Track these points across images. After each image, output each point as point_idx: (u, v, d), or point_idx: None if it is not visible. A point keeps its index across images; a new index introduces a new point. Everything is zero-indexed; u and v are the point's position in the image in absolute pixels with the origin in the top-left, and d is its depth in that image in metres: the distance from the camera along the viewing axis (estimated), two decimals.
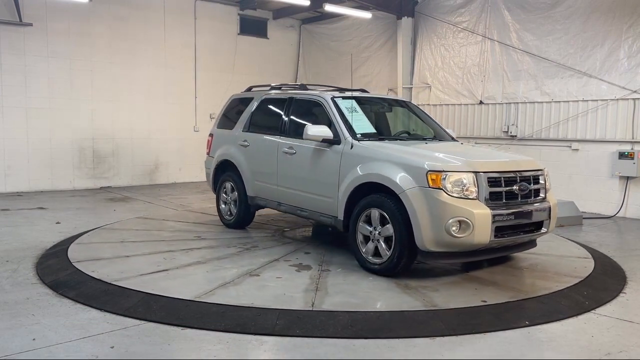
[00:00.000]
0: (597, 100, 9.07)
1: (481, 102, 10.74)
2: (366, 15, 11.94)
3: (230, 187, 7.16)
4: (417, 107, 7.13)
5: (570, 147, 9.47)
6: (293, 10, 13.15)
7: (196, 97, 12.82)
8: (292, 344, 3.64)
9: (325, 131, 5.62)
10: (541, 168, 5.34)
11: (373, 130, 6.23)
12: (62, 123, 10.93)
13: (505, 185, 4.89)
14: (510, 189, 4.91)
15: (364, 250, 5.21)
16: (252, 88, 7.57)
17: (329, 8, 11.06)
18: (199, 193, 10.92)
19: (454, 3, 11.14)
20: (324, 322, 3.93)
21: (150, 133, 12.17)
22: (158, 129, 12.26)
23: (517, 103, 10.17)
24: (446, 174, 4.69)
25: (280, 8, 13.53)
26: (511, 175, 4.98)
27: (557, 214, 5.40)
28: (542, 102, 9.80)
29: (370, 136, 5.81)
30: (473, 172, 4.77)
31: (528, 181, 5.06)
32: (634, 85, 8.60)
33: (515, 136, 10.22)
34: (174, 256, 5.60)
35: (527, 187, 5.00)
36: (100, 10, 11.19)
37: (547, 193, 5.31)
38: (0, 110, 10.25)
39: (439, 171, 4.70)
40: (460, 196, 4.66)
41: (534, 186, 5.13)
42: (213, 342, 3.62)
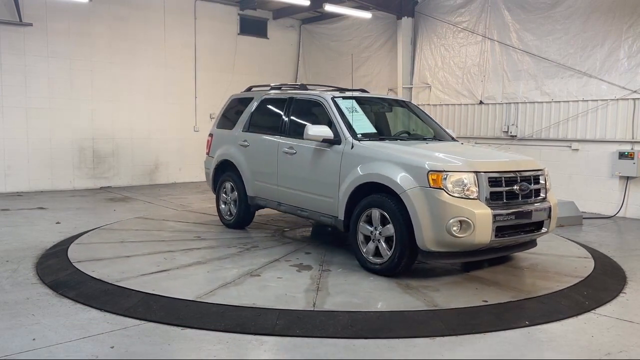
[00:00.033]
0: (597, 100, 9.07)
1: (481, 102, 10.74)
2: (366, 15, 11.93)
3: (230, 187, 7.16)
4: (417, 107, 7.13)
5: (570, 147, 9.47)
6: (293, 10, 13.15)
7: (196, 97, 12.82)
8: (292, 344, 3.64)
9: (325, 131, 5.62)
10: (541, 168, 5.35)
11: (373, 130, 6.23)
12: (62, 123, 10.93)
13: (505, 185, 4.90)
14: (510, 189, 4.91)
15: (365, 250, 5.21)
16: (252, 88, 7.57)
17: (329, 8, 11.06)
18: (199, 193, 10.92)
19: (454, 3, 11.13)
20: (324, 322, 3.93)
21: (150, 133, 12.17)
22: (158, 129, 12.26)
23: (517, 103, 10.17)
24: (447, 174, 4.69)
25: (280, 8, 13.53)
26: (512, 175, 4.98)
27: (557, 214, 5.40)
28: (542, 102, 9.80)
29: (370, 136, 5.81)
30: (474, 172, 4.77)
31: (528, 181, 5.06)
32: (634, 85, 8.60)
33: (515, 136, 10.22)
34: (174, 256, 5.60)
35: (528, 187, 5.00)
36: (100, 10, 11.19)
37: (548, 193, 5.32)
38: (0, 110, 10.25)
39: (440, 171, 4.70)
40: (461, 196, 4.66)
41: (535, 186, 5.13)
42: (213, 342, 3.62)
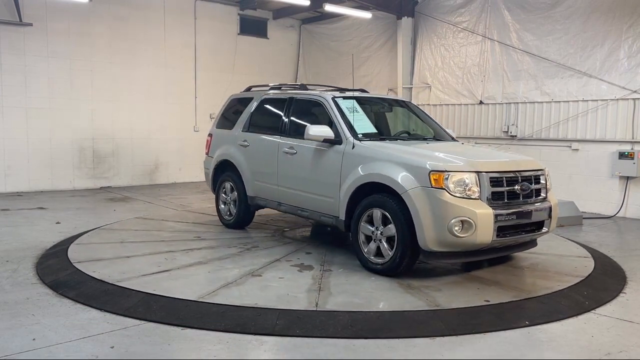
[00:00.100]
0: (597, 100, 9.07)
1: (481, 102, 10.74)
2: (366, 15, 11.93)
3: (229, 187, 7.15)
4: (417, 107, 7.13)
5: (570, 147, 9.47)
6: (293, 10, 13.14)
7: (196, 97, 12.81)
8: (292, 344, 3.63)
9: (326, 131, 5.62)
10: (542, 168, 5.35)
11: (374, 130, 6.22)
12: (62, 123, 10.92)
13: (507, 185, 4.90)
14: (511, 189, 4.91)
15: (366, 250, 5.20)
16: (252, 88, 7.56)
17: (329, 8, 11.05)
18: (199, 193, 10.91)
19: (454, 3, 11.13)
20: (324, 322, 3.93)
21: (150, 133, 12.17)
22: (158, 129, 12.26)
23: (517, 103, 10.17)
24: (449, 174, 4.69)
25: (280, 8, 13.52)
26: (513, 175, 4.98)
27: (558, 214, 5.40)
28: (542, 102, 9.79)
29: (371, 136, 5.80)
30: (475, 172, 4.77)
31: (529, 181, 5.06)
32: (634, 85, 8.60)
33: (515, 136, 10.21)
34: (175, 256, 5.59)
35: (529, 187, 5.00)
36: (100, 10, 11.18)
37: (548, 193, 5.32)
38: (0, 110, 10.25)
39: (442, 171, 4.70)
40: (462, 196, 4.66)
41: (535, 186, 5.13)
42: (213, 342, 3.62)
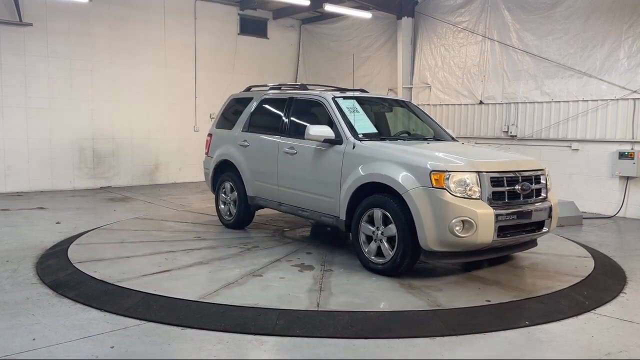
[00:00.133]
0: (597, 100, 9.07)
1: (481, 102, 10.74)
2: (366, 15, 11.93)
3: (229, 187, 7.15)
4: (417, 107, 7.13)
5: (570, 147, 9.46)
6: (293, 10, 13.14)
7: (196, 97, 12.81)
8: (292, 344, 3.63)
9: (327, 131, 5.61)
10: (542, 168, 5.35)
11: (374, 130, 6.22)
12: (62, 123, 10.92)
13: (507, 185, 4.90)
14: (512, 189, 4.91)
15: (367, 250, 5.20)
16: (251, 88, 7.56)
17: (329, 8, 11.05)
18: (199, 193, 10.91)
19: (454, 3, 11.13)
20: (324, 322, 3.93)
21: (150, 133, 12.16)
22: (158, 129, 12.26)
23: (517, 103, 10.17)
24: (449, 174, 4.68)
25: (280, 8, 13.52)
26: (513, 175, 4.98)
27: (558, 214, 5.40)
28: (542, 102, 9.79)
29: (371, 136, 5.80)
30: (476, 172, 4.77)
31: (530, 181, 5.06)
32: (634, 85, 8.60)
33: (515, 136, 10.21)
34: (175, 257, 5.59)
35: (529, 187, 5.00)
36: (100, 10, 11.18)
37: (548, 193, 5.32)
38: (0, 110, 10.24)
39: (442, 171, 4.70)
40: (463, 196, 4.66)
41: (536, 186, 5.13)
42: (213, 342, 3.62)
